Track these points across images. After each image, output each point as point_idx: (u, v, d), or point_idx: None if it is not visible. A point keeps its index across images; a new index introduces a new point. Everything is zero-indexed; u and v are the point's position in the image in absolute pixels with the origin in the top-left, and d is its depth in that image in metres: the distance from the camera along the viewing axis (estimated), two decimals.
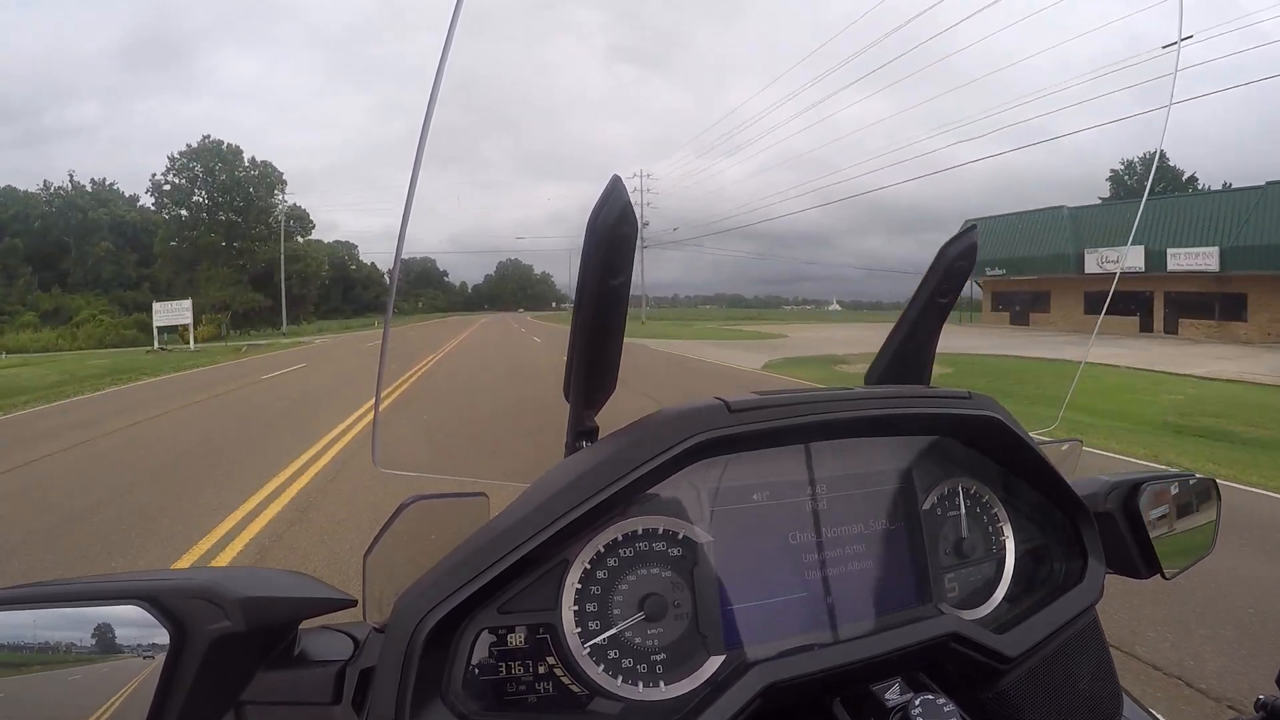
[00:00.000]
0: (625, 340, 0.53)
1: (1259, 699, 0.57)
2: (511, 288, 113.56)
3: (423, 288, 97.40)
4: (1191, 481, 0.76)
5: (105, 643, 0.46)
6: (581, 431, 0.55)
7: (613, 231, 0.46)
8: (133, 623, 0.45)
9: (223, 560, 3.57)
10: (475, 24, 0.46)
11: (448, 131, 0.45)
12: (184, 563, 3.53)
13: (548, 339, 22.50)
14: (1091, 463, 5.01)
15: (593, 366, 0.53)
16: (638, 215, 0.48)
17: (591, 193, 0.46)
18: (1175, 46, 0.71)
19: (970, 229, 0.62)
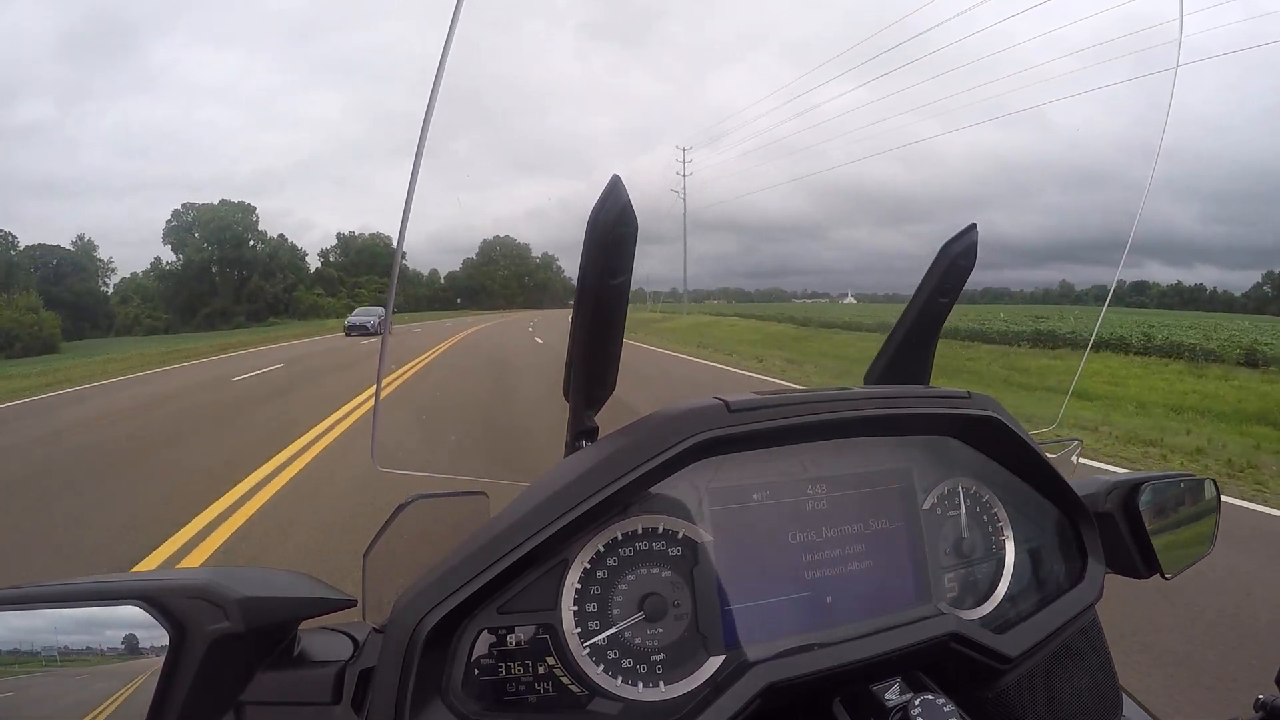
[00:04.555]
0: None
1: (1258, 699, 0.57)
2: (503, 276, 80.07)
3: (366, 273, 64.08)
4: (1191, 481, 0.76)
5: (105, 643, 0.45)
6: (581, 431, 0.55)
7: (612, 231, 0.46)
8: (132, 623, 0.45)
9: None
10: (450, 12, 0.46)
11: (432, 123, 0.45)
12: None
13: None
14: None
15: (593, 366, 0.53)
16: (682, 188, 0.45)
17: (577, 186, 0.43)
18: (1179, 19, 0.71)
19: (970, 228, 0.62)
